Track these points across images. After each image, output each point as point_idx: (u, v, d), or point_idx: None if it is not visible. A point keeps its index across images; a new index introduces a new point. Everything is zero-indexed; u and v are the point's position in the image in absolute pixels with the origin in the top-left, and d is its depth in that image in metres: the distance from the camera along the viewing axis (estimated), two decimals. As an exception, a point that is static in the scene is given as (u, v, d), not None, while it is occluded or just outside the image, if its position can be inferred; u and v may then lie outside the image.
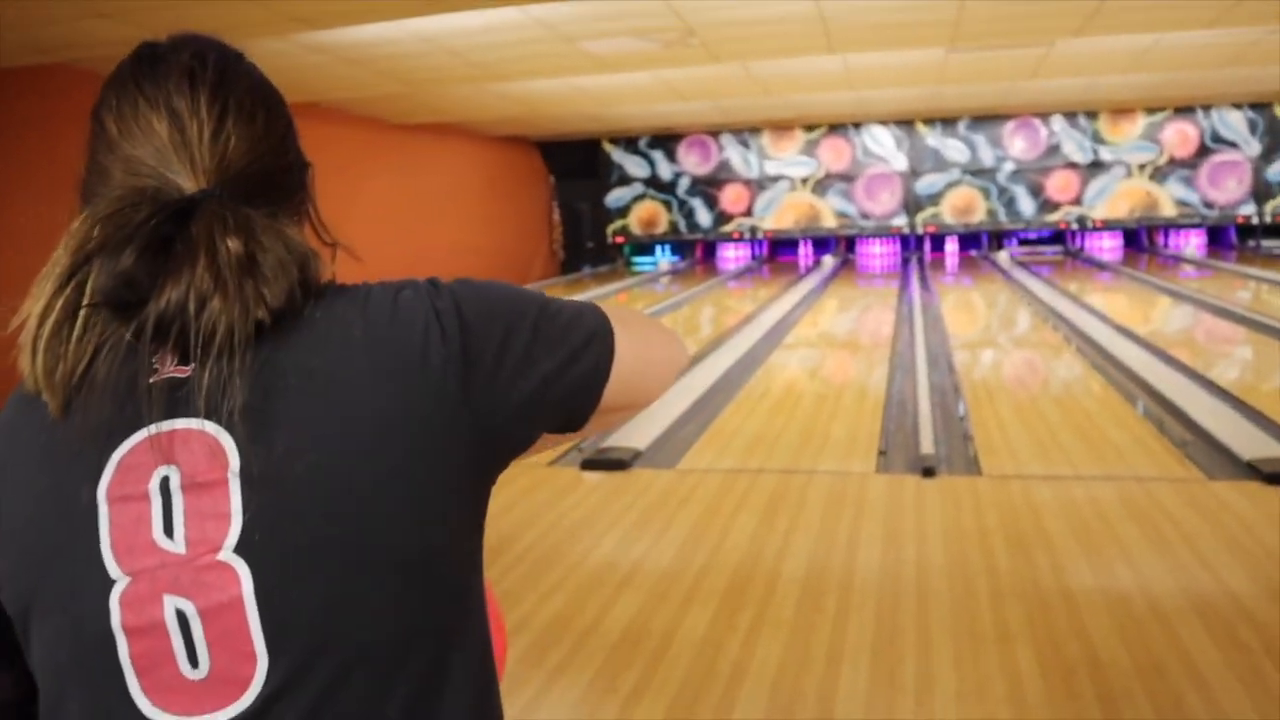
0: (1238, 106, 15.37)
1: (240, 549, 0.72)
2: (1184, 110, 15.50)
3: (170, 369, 0.76)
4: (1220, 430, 4.96)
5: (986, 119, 16.00)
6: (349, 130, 11.64)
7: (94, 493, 0.74)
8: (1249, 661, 2.69)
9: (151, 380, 0.76)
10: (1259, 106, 15.34)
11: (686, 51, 8.43)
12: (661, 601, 3.20)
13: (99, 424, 0.75)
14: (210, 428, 0.74)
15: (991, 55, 9.52)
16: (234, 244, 0.76)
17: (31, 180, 7.12)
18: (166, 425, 0.75)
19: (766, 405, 6.18)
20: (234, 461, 0.73)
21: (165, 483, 0.73)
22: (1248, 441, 4.74)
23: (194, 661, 0.72)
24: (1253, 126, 15.43)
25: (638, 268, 17.60)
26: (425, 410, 0.78)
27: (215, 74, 0.87)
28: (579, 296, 8.53)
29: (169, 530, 0.73)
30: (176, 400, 0.75)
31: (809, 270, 15.79)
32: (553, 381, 0.85)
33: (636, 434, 5.36)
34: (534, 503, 4.32)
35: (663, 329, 1.02)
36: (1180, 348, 7.78)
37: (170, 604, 0.72)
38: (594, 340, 0.89)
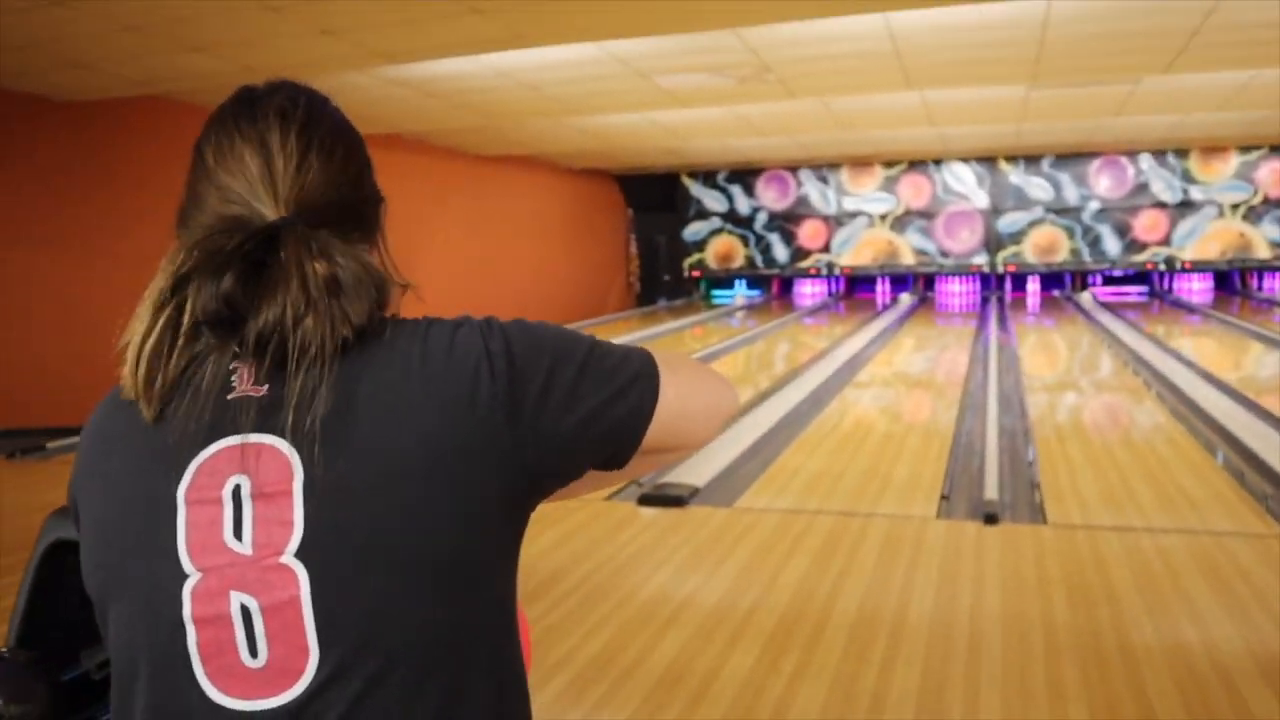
0: (1338, 146, 14.88)
1: (300, 554, 0.80)
2: (1280, 148, 15.04)
3: (247, 387, 0.85)
4: (1305, 484, 4.76)
5: (1071, 156, 15.70)
6: (429, 161, 11.86)
7: (175, 494, 0.83)
8: (1318, 731, 2.56)
9: (231, 396, 0.84)
10: (1361, 146, 14.83)
11: (762, 87, 8.43)
12: (707, 641, 3.16)
13: (185, 432, 0.84)
14: (281, 444, 0.82)
15: (1075, 92, 9.35)
16: (320, 266, 0.86)
17: (129, 205, 7.39)
18: (249, 439, 0.83)
19: (830, 444, 6.10)
20: (299, 474, 0.81)
21: (237, 490, 0.82)
22: (1334, 497, 4.54)
23: (254, 652, 0.80)
24: (1353, 167, 14.91)
25: (716, 301, 17.59)
26: (473, 441, 0.85)
27: (304, 114, 0.95)
28: (654, 330, 8.65)
29: (238, 533, 0.81)
30: (255, 416, 0.83)
31: (886, 308, 15.61)
32: (596, 418, 0.90)
33: (696, 471, 5.33)
34: (589, 537, 4.31)
35: (713, 375, 1.04)
36: (1270, 396, 7.50)
37: (236, 599, 0.80)
38: (638, 380, 0.94)
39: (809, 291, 17.65)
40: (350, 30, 6.06)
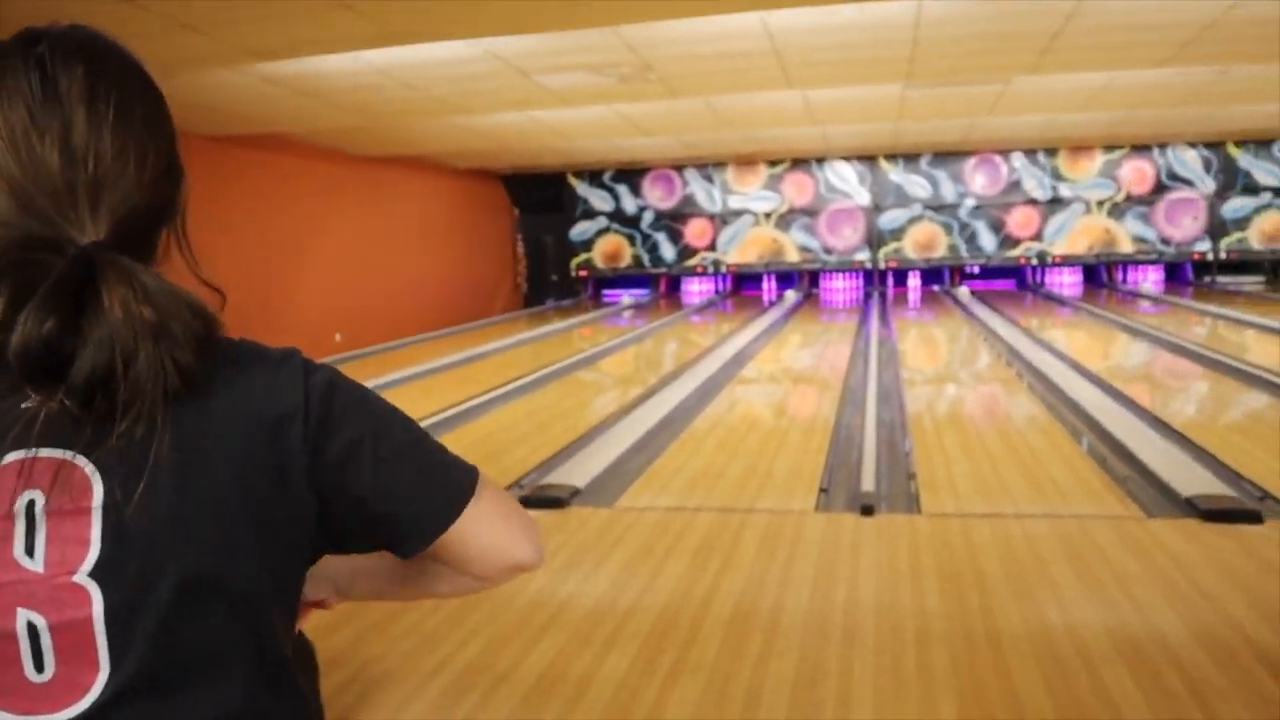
0: (1193, 145, 15.63)
1: (94, 573, 0.79)
2: (1141, 148, 15.75)
3: (43, 398, 0.80)
4: (1163, 468, 4.95)
5: (948, 155, 16.17)
6: (312, 162, 11.59)
7: None
8: (1172, 707, 2.65)
9: (25, 406, 0.80)
10: (1213, 145, 15.61)
11: (645, 86, 8.44)
12: (584, 644, 3.13)
13: None
14: (80, 461, 0.80)
15: (949, 91, 9.60)
16: (147, 312, 0.80)
17: None
18: (39, 453, 0.79)
19: (713, 441, 6.14)
20: (98, 495, 0.79)
21: (30, 506, 0.79)
22: (1190, 479, 4.73)
23: (40, 667, 0.79)
24: (1207, 165, 15.68)
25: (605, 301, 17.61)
26: (271, 480, 0.85)
27: (117, 89, 0.86)
28: (543, 330, 8.55)
29: (30, 550, 0.79)
30: (49, 430, 0.79)
31: (772, 304, 15.81)
32: (395, 494, 0.91)
33: (577, 471, 5.30)
34: (467, 541, 4.24)
35: (528, 528, 1.01)
36: (1134, 384, 7.83)
37: (23, 616, 0.79)
38: (453, 482, 0.95)
39: (696, 290, 17.78)
40: (213, 26, 5.85)
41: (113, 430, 0.79)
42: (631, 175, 17.25)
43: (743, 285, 17.82)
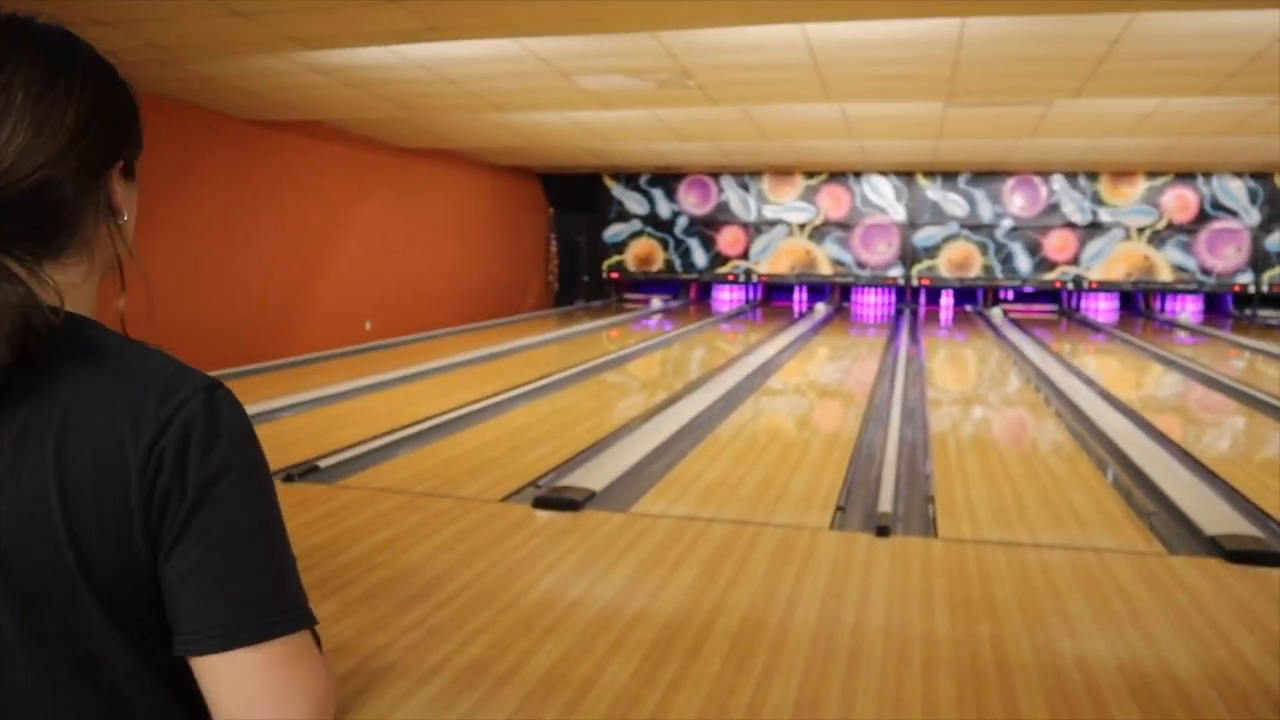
0: (1239, 175, 15.42)
1: None
2: (1185, 176, 15.55)
3: None
4: (1189, 504, 4.87)
5: (986, 174, 16.04)
6: (349, 150, 11.67)
7: None
8: (1178, 749, 2.61)
9: None
10: (1260, 176, 15.38)
11: (683, 92, 8.44)
12: (587, 648, 3.12)
13: None
14: None
15: (990, 112, 9.53)
16: None
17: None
18: None
19: (733, 451, 6.11)
20: None
21: None
22: (1215, 516, 4.65)
23: None
24: (1253, 196, 15.46)
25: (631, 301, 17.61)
26: (119, 507, 0.81)
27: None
28: (572, 329, 8.57)
29: None
30: None
31: (801, 316, 15.75)
32: (180, 576, 0.83)
33: (595, 474, 5.30)
34: (480, 539, 4.25)
35: (323, 702, 0.88)
36: (1165, 415, 7.72)
37: None
38: (246, 611, 0.84)
39: (726, 297, 17.75)
40: (261, 13, 5.91)
41: None
42: (667, 180, 17.24)
43: (773, 295, 17.78)
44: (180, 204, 9.01)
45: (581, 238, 17.79)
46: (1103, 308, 16.84)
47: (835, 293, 17.38)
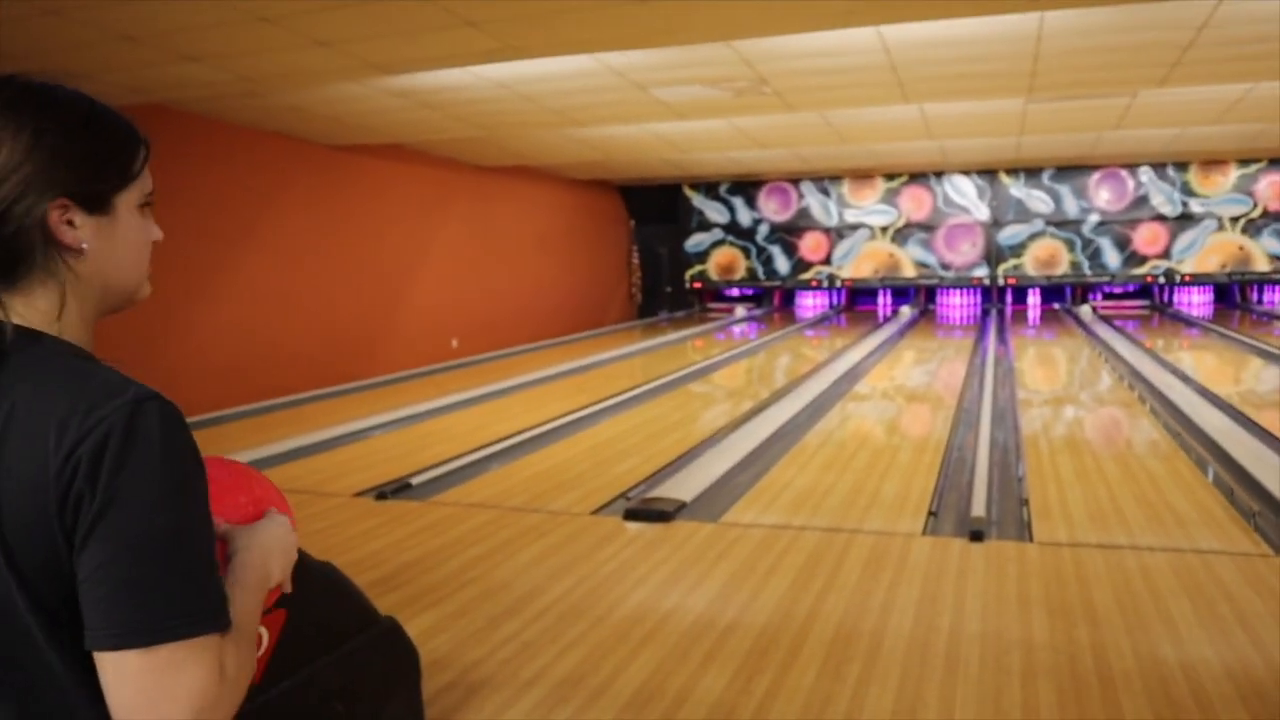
0: (1338, 159, 14.86)
1: None
2: (1278, 162, 15.01)
3: None
4: (1296, 502, 4.72)
5: (1071, 169, 15.70)
6: (430, 171, 11.88)
7: None
8: (1292, 756, 2.53)
9: None
10: (1361, 160, 14.81)
11: (760, 100, 8.44)
12: (681, 661, 3.14)
13: None
14: None
15: (1073, 106, 9.34)
16: None
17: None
18: None
19: (823, 458, 6.08)
20: None
21: None
22: (1324, 515, 4.50)
23: None
24: (1354, 181, 14.89)
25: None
26: (40, 507, 0.88)
27: None
28: (656, 341, 8.61)
29: None
30: None
31: (887, 320, 15.59)
32: (88, 574, 0.89)
33: (685, 484, 5.32)
34: (570, 553, 4.30)
35: (203, 711, 0.91)
36: (1266, 411, 7.47)
37: None
38: (140, 614, 0.88)
39: (810, 303, 17.64)
40: (343, 42, 6.07)
41: None
42: (747, 187, 17.22)
43: (857, 300, 17.63)
44: (270, 230, 9.27)
45: (663, 249, 17.84)
46: (1197, 301, 16.34)
47: (920, 295, 17.16)
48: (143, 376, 0.95)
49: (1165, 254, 15.69)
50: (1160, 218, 15.63)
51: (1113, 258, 15.88)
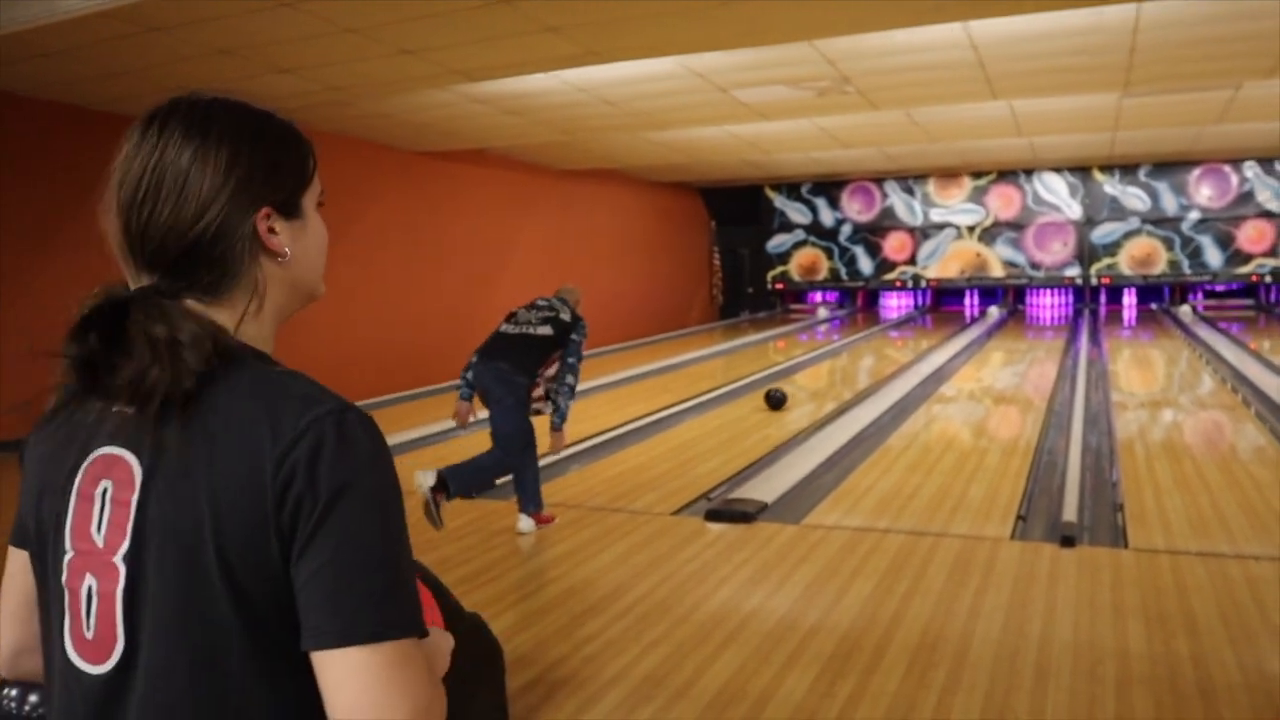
0: None
1: (125, 557, 0.95)
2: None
3: (123, 405, 0.96)
4: None
5: (1169, 165, 15.22)
6: (514, 175, 11.99)
7: (71, 485, 0.99)
8: None
9: (116, 408, 0.97)
10: None
11: (843, 99, 8.34)
12: (763, 662, 3.11)
13: (80, 439, 1.00)
14: (130, 458, 0.95)
15: (1171, 99, 9.05)
16: (160, 330, 0.95)
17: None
18: (113, 449, 0.97)
19: (907, 461, 5.98)
20: (136, 490, 0.95)
21: (105, 491, 0.96)
22: None
23: (89, 626, 0.97)
24: None
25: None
26: (254, 505, 0.91)
27: (158, 155, 1.00)
28: (738, 342, 8.56)
29: (99, 528, 0.97)
30: (121, 431, 0.96)
31: (974, 320, 15.30)
32: (305, 577, 0.91)
33: (767, 486, 5.28)
34: (653, 552, 4.29)
35: (424, 708, 0.91)
36: (1378, 415, 7.16)
37: (88, 580, 0.96)
38: (361, 613, 0.90)
39: (894, 304, 17.40)
40: (428, 50, 6.16)
41: (153, 431, 0.94)
42: (829, 188, 17.05)
43: (943, 300, 17.33)
44: (356, 236, 9.44)
45: (744, 250, 17.77)
46: (1304, 301, 15.75)
47: (1009, 295, 16.81)
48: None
49: (1272, 252, 15.12)
50: (1267, 214, 15.07)
51: (1214, 256, 15.36)
